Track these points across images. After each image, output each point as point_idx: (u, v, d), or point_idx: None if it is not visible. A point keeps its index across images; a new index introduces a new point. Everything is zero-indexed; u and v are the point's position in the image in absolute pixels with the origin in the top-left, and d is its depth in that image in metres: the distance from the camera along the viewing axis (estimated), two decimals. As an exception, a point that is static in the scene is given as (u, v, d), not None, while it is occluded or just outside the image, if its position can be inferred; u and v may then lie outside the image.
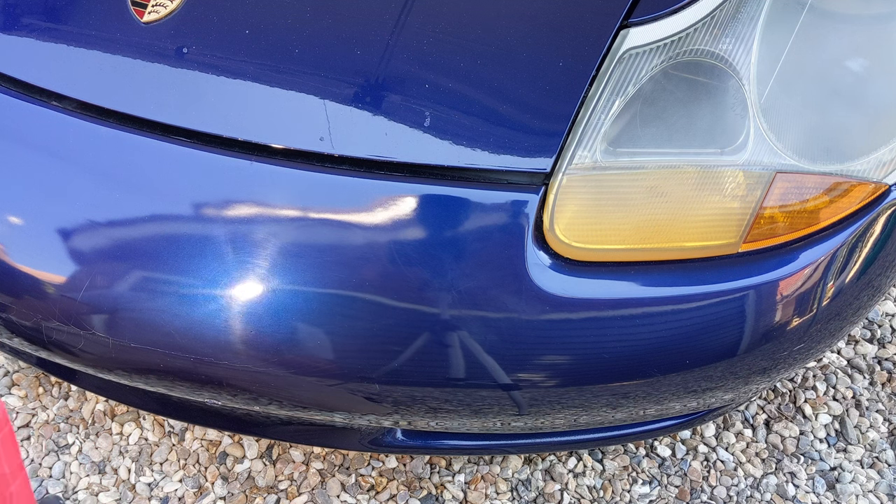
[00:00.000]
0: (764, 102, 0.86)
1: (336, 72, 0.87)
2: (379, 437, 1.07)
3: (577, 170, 0.84)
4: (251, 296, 0.81)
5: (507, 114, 0.85)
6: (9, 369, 1.41)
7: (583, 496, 1.30)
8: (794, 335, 0.90)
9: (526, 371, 0.84)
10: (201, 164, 0.85)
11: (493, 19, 0.89)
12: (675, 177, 0.85)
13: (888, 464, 1.38)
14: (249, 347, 0.82)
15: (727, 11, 0.86)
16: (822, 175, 0.87)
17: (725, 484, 1.33)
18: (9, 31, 0.94)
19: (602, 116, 0.84)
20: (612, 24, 0.86)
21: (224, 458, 1.32)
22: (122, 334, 0.83)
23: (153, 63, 0.89)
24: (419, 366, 0.82)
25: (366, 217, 0.82)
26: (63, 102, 0.90)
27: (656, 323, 0.84)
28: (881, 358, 1.51)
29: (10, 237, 0.85)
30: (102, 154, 0.86)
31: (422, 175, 0.84)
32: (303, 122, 0.85)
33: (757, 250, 0.86)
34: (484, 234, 0.82)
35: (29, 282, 0.84)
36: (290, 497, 1.28)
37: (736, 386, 0.95)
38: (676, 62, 0.86)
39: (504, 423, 0.95)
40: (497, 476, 1.31)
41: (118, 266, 0.82)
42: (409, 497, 1.28)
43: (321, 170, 0.84)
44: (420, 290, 0.81)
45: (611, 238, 0.84)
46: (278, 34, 0.89)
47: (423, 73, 0.86)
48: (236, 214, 0.83)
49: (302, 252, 0.81)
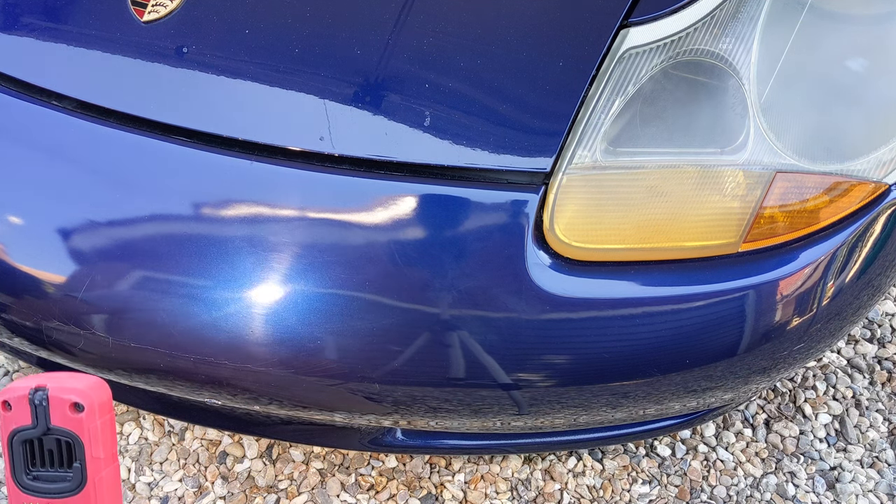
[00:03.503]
0: (764, 102, 0.86)
1: (336, 71, 0.87)
2: (379, 437, 1.07)
3: (577, 169, 0.84)
4: (251, 295, 0.81)
5: (507, 113, 0.85)
6: (9, 369, 1.41)
7: (583, 496, 1.30)
8: (794, 335, 0.90)
9: (526, 371, 0.84)
10: (201, 164, 0.85)
11: (493, 19, 0.89)
12: (675, 176, 0.85)
13: (888, 463, 1.38)
14: (250, 347, 0.82)
15: (727, 11, 0.86)
16: (822, 175, 0.87)
17: (725, 483, 1.33)
18: (9, 31, 0.94)
19: (602, 116, 0.84)
20: (612, 23, 0.86)
21: (224, 457, 1.32)
22: (123, 334, 0.83)
23: (153, 63, 0.89)
24: (419, 365, 0.82)
25: (366, 217, 0.82)
26: (63, 102, 0.90)
27: (656, 323, 0.84)
28: (881, 357, 1.51)
29: (11, 237, 0.85)
30: (102, 154, 0.86)
31: (422, 175, 0.84)
32: (303, 122, 0.85)
33: (757, 250, 0.86)
34: (484, 233, 0.82)
35: (29, 281, 0.84)
36: (290, 496, 1.28)
37: (736, 385, 0.95)
38: (676, 62, 0.86)
39: (504, 423, 0.95)
40: (497, 476, 1.31)
41: (118, 266, 0.82)
42: (408, 497, 1.28)
43: (321, 169, 0.84)
44: (420, 289, 0.81)
45: (611, 238, 0.84)
46: (278, 34, 0.89)
47: (423, 72, 0.86)
48: (236, 214, 0.83)
49: (302, 252, 0.81)
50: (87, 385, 0.63)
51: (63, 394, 0.62)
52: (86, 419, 0.62)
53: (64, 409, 0.62)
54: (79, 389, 0.62)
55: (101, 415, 0.64)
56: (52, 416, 0.62)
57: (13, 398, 0.62)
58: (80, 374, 0.66)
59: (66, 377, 0.64)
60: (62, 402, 0.62)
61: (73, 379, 0.64)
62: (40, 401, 0.61)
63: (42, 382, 0.62)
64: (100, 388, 0.65)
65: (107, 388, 0.66)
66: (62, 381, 0.63)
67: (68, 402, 0.62)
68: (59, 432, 0.62)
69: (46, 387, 0.62)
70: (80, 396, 0.62)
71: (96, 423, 0.63)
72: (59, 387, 0.62)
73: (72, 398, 0.62)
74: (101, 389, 0.65)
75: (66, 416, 0.62)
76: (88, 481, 0.64)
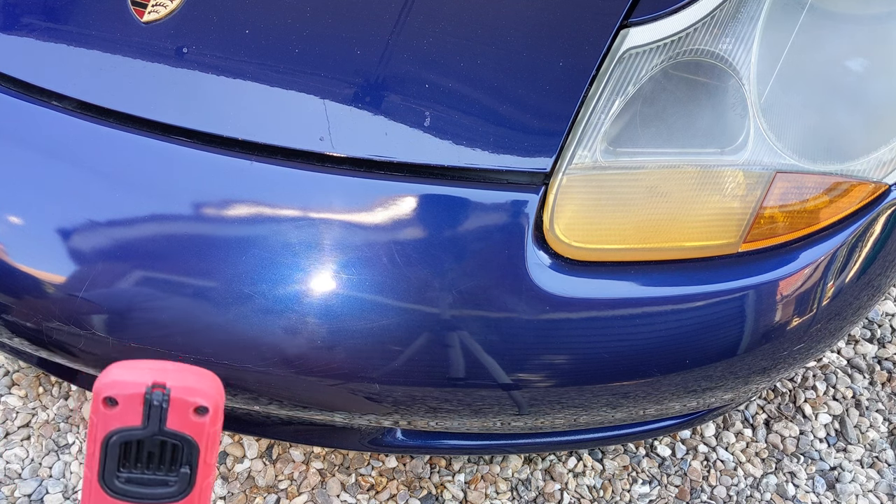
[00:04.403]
0: (764, 102, 0.86)
1: (336, 72, 0.87)
2: (379, 437, 1.07)
3: (577, 169, 0.84)
4: (251, 296, 0.81)
5: (506, 113, 0.85)
6: (9, 369, 1.41)
7: (583, 496, 1.30)
8: (794, 335, 0.90)
9: (526, 371, 0.84)
10: (201, 164, 0.85)
11: (493, 19, 0.89)
12: (675, 177, 0.85)
13: (888, 463, 1.38)
14: (250, 347, 0.82)
15: (727, 11, 0.86)
16: (822, 175, 0.87)
17: (725, 483, 1.33)
18: (9, 31, 0.94)
19: (602, 116, 0.84)
20: (612, 23, 0.86)
21: (224, 457, 1.32)
22: (123, 334, 0.83)
23: (153, 63, 0.89)
24: (419, 366, 0.82)
25: (366, 217, 0.82)
26: (63, 102, 0.90)
27: (656, 323, 0.84)
28: (881, 358, 1.51)
29: (11, 237, 0.85)
30: (102, 154, 0.86)
31: (422, 175, 0.84)
32: (303, 122, 0.85)
33: (757, 250, 0.86)
34: (484, 233, 0.82)
35: (29, 282, 0.84)
36: (290, 497, 1.28)
37: (736, 386, 0.95)
38: (676, 62, 0.86)
39: (504, 423, 0.95)
40: (497, 476, 1.31)
41: (118, 266, 0.82)
42: (409, 497, 1.28)
43: (321, 170, 0.84)
44: (420, 289, 0.81)
45: (611, 238, 0.84)
46: (278, 34, 0.89)
47: (423, 72, 0.86)
48: (236, 214, 0.83)
49: (302, 252, 0.81)
50: (209, 384, 0.54)
51: (188, 395, 0.53)
52: (208, 424, 0.53)
53: (186, 412, 0.53)
54: (203, 391, 0.53)
55: (220, 418, 0.55)
56: (169, 419, 0.52)
57: (122, 395, 0.52)
58: (193, 368, 0.57)
59: (185, 372, 0.55)
60: (185, 406, 0.53)
61: (192, 375, 0.55)
62: (160, 402, 0.52)
63: (159, 378, 0.53)
64: (218, 386, 0.56)
65: (220, 384, 0.57)
66: (184, 379, 0.54)
67: (192, 406, 0.53)
68: (173, 435, 0.53)
69: (167, 386, 0.53)
70: (206, 398, 0.53)
71: (217, 426, 0.54)
72: (182, 386, 0.53)
73: (197, 401, 0.53)
74: (219, 387, 0.56)
75: (187, 420, 0.53)
76: (195, 487, 0.55)
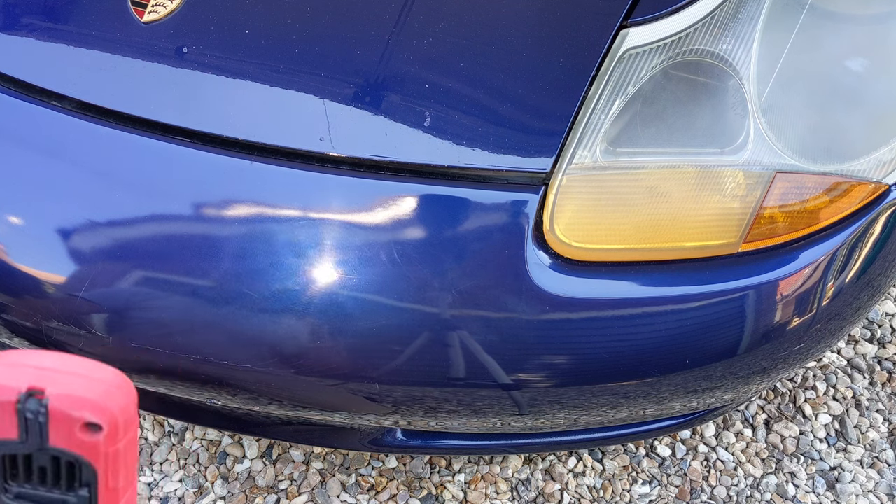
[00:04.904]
0: (764, 102, 0.86)
1: (336, 72, 0.87)
2: (379, 437, 1.07)
3: (577, 170, 0.84)
4: (251, 295, 0.81)
5: (506, 113, 0.85)
6: None
7: (583, 496, 1.30)
8: (794, 335, 0.90)
9: (526, 371, 0.84)
10: (201, 164, 0.85)
11: (493, 19, 0.89)
12: (675, 177, 0.85)
13: (888, 464, 1.38)
14: (250, 347, 0.82)
15: (727, 11, 0.86)
16: (822, 175, 0.87)
17: (725, 484, 1.33)
18: (9, 31, 0.94)
19: (602, 116, 0.84)
20: (612, 24, 0.86)
21: (224, 457, 1.32)
22: (123, 334, 0.83)
23: (153, 63, 0.89)
24: (419, 366, 0.82)
25: (366, 217, 0.82)
26: (63, 102, 0.90)
27: (656, 323, 0.84)
28: (881, 358, 1.51)
29: (10, 237, 0.85)
30: (102, 154, 0.86)
31: (422, 175, 0.84)
32: (303, 122, 0.85)
33: (757, 250, 0.86)
34: (484, 233, 0.82)
35: (29, 282, 0.84)
36: (290, 497, 1.28)
37: (736, 386, 0.95)
38: (676, 62, 0.86)
39: (504, 423, 0.95)
40: (497, 476, 1.31)
41: (118, 266, 0.82)
42: (409, 497, 1.28)
43: (321, 170, 0.84)
44: (420, 289, 0.81)
45: (611, 238, 0.84)
46: (278, 34, 0.89)
47: (423, 73, 0.86)
48: (236, 214, 0.83)
49: (302, 252, 0.81)
50: (104, 392, 0.42)
51: (72, 408, 0.40)
52: (104, 443, 0.41)
53: (71, 429, 0.40)
54: (93, 402, 0.40)
55: (125, 433, 0.43)
56: (51, 435, 0.40)
57: None
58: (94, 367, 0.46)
59: (75, 376, 0.42)
60: (69, 421, 0.40)
61: (84, 380, 0.42)
62: (34, 414, 0.38)
63: (40, 382, 0.39)
64: (121, 394, 0.44)
65: (131, 389, 0.46)
66: (69, 385, 0.40)
67: (78, 422, 0.40)
68: (61, 453, 0.42)
69: (45, 393, 0.39)
70: (96, 413, 0.40)
71: (117, 446, 0.43)
72: (64, 395, 0.39)
73: (83, 415, 0.40)
74: (123, 394, 0.44)
75: (74, 439, 0.40)
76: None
